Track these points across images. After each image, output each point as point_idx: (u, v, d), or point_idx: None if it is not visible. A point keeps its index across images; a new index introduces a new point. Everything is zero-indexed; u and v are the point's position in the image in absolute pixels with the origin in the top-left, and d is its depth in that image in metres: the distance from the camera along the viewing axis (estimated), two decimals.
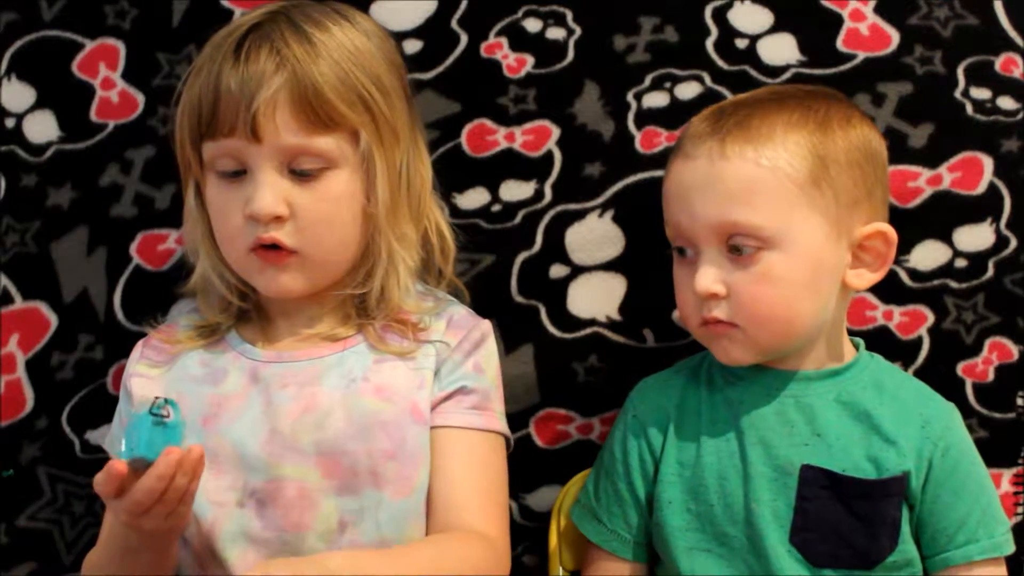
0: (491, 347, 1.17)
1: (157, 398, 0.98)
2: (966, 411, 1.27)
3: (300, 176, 1.09)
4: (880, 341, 1.27)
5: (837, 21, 1.31)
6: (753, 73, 1.31)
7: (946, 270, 1.29)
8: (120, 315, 1.31)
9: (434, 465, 1.11)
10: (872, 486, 1.10)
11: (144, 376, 1.16)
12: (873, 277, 1.14)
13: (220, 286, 1.16)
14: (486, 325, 1.18)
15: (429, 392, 1.12)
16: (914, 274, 1.29)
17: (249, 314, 1.17)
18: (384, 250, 1.13)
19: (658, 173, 1.28)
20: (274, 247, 1.10)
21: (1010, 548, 1.13)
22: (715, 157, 1.10)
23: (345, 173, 1.10)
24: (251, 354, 1.15)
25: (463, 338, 1.15)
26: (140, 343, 1.20)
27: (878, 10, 1.31)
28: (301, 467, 1.09)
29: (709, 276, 1.10)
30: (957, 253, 1.29)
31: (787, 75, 1.30)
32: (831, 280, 1.12)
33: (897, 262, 1.28)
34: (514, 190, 1.31)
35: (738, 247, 1.09)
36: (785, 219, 1.09)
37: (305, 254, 1.10)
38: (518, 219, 1.31)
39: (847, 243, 1.11)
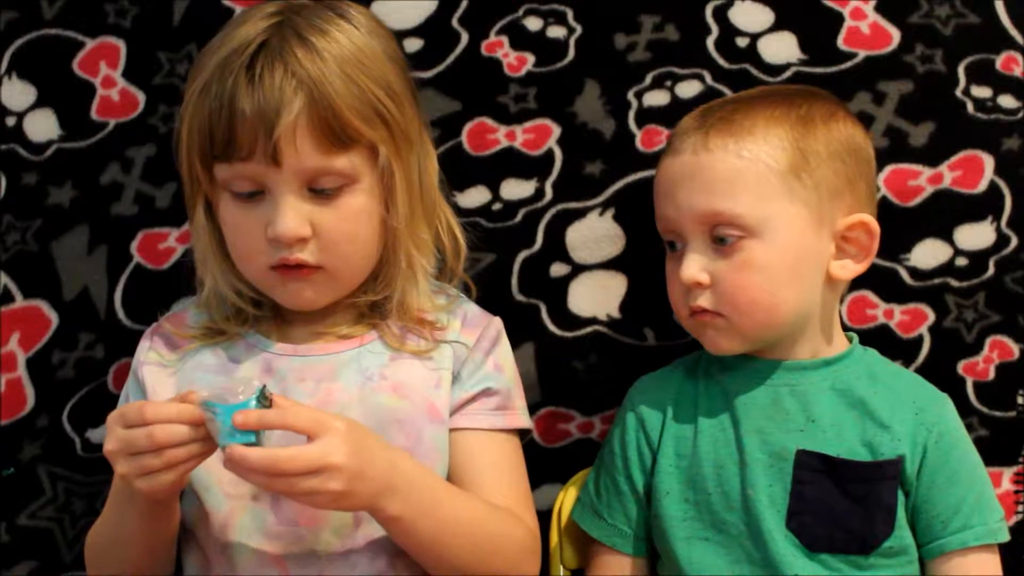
0: (506, 343, 1.18)
1: (264, 386, 0.98)
2: (967, 409, 1.27)
3: (320, 195, 1.08)
4: (881, 340, 1.27)
5: (838, 20, 1.31)
6: (754, 72, 1.31)
7: (947, 269, 1.29)
8: (121, 314, 1.31)
9: (462, 467, 1.12)
10: (867, 468, 1.11)
11: (156, 364, 1.15)
12: (857, 268, 1.15)
13: (234, 298, 1.14)
14: (498, 322, 1.18)
15: (447, 392, 1.13)
16: (915, 273, 1.29)
17: (263, 315, 1.16)
18: (404, 258, 1.13)
19: None
20: (298, 266, 1.09)
21: (1004, 536, 1.13)
22: (699, 150, 1.13)
23: (365, 188, 1.09)
24: (265, 346, 1.14)
25: (480, 336, 1.15)
26: (149, 331, 1.19)
27: (879, 8, 1.31)
28: None
29: (694, 265, 1.12)
30: (958, 252, 1.29)
31: (788, 74, 1.30)
32: (814, 269, 1.13)
33: (898, 260, 1.28)
34: (515, 189, 1.31)
35: (721, 237, 1.11)
36: (766, 209, 1.10)
37: (329, 270, 1.09)
38: (519, 218, 1.31)
39: (829, 233, 1.13)
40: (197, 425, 0.98)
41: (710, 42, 1.31)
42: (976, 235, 1.29)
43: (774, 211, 1.10)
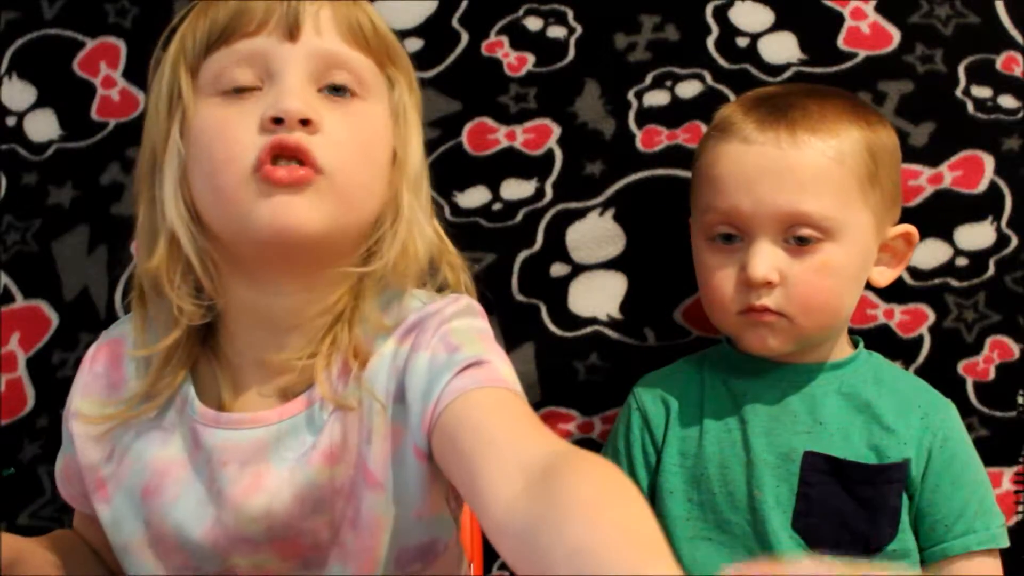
0: (459, 324, 0.91)
1: None
2: (967, 410, 1.27)
3: (331, 94, 0.90)
4: (881, 340, 1.27)
5: (838, 19, 1.31)
6: (754, 72, 1.31)
7: (947, 269, 1.29)
8: (121, 314, 1.31)
9: (458, 448, 0.84)
10: (873, 471, 1.11)
11: (87, 418, 0.95)
12: (892, 275, 1.16)
13: (192, 251, 0.89)
14: (453, 308, 0.93)
15: (381, 445, 0.90)
16: (915, 273, 1.29)
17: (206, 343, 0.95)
18: (406, 210, 0.93)
19: (659, 172, 1.28)
20: (291, 166, 0.87)
21: (1005, 542, 1.13)
22: (785, 145, 1.09)
23: (380, 108, 0.93)
24: (192, 408, 0.93)
25: (416, 338, 0.91)
26: (85, 363, 0.99)
27: (879, 8, 1.31)
28: (254, 557, 0.92)
29: (766, 263, 1.09)
30: (958, 252, 1.29)
31: (788, 74, 1.30)
32: (866, 276, 1.14)
33: None
34: (515, 189, 1.31)
35: (800, 237, 1.09)
36: (846, 212, 1.10)
37: (332, 176, 0.87)
38: (519, 218, 1.31)
39: (879, 241, 1.14)
40: None
41: (710, 42, 1.31)
42: (976, 235, 1.29)
43: (851, 215, 1.10)
